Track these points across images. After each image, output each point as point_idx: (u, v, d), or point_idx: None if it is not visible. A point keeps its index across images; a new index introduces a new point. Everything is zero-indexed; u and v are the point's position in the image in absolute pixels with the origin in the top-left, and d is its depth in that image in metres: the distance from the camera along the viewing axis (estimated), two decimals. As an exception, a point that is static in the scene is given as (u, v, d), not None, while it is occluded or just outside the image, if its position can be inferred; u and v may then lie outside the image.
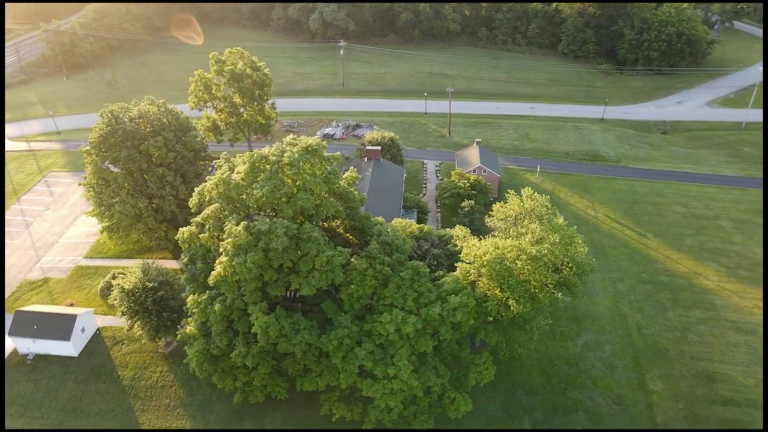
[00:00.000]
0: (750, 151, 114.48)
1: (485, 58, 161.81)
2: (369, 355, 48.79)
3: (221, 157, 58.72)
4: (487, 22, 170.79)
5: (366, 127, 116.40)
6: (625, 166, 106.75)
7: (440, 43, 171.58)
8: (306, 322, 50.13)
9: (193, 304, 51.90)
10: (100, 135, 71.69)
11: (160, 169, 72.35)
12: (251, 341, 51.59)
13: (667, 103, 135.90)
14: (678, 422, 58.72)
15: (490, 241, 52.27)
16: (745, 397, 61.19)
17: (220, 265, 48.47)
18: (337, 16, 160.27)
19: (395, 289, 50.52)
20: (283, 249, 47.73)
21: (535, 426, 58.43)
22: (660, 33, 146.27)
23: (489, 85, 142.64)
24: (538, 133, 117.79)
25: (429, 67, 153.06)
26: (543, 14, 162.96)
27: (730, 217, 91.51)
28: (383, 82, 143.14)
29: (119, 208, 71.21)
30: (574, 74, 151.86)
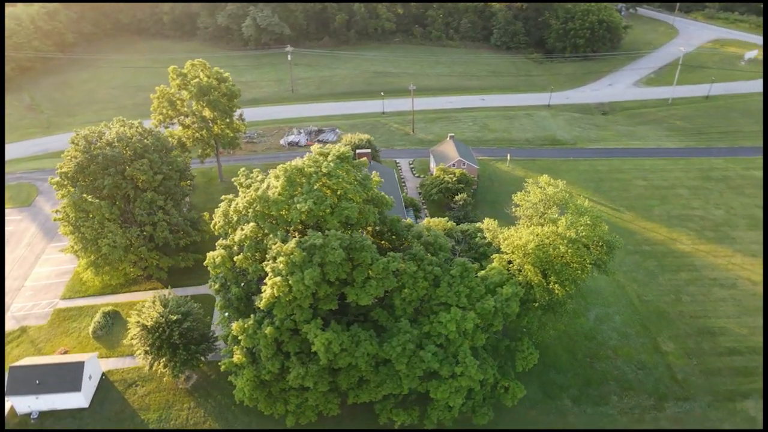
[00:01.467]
0: (682, 124, 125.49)
1: (423, 54, 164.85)
2: (434, 357, 48.53)
3: (239, 174, 55.77)
4: (419, 20, 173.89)
5: (329, 132, 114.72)
6: (581, 147, 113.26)
7: (376, 43, 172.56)
8: (364, 333, 48.92)
9: (240, 330, 48.90)
10: (76, 163, 65.30)
11: (149, 193, 67.25)
12: (306, 360, 49.57)
13: (600, 86, 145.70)
14: (696, 377, 63.55)
15: (529, 229, 53.73)
16: (745, 346, 67.35)
17: (273, 286, 46.01)
18: (271, 22, 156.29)
19: (447, 288, 50.56)
20: (340, 261, 46.27)
21: (575, 402, 60.86)
22: (584, 22, 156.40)
23: (435, 80, 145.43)
24: (496, 123, 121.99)
25: (372, 67, 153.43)
26: (473, 9, 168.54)
27: (684, 185, 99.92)
28: (331, 84, 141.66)
29: (108, 240, 65.34)
30: (510, 65, 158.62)
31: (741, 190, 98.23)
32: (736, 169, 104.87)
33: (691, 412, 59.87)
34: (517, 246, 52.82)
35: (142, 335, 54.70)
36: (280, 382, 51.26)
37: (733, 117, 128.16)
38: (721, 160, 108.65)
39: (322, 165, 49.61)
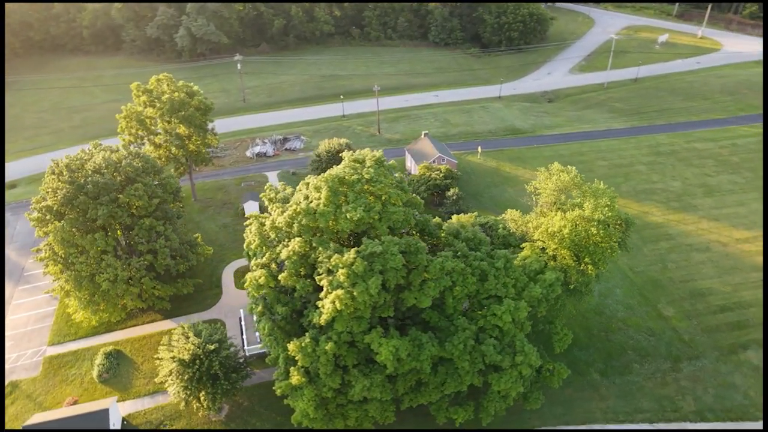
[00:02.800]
0: (620, 106, 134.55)
1: (365, 55, 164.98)
2: (495, 350, 49.13)
3: (267, 190, 53.38)
4: (356, 21, 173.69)
5: (295, 140, 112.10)
6: (540, 134, 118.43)
7: (315, 46, 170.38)
8: (425, 336, 48.56)
9: (296, 349, 46.83)
10: (62, 195, 59.37)
11: (147, 220, 62.49)
12: (367, 371, 48.44)
13: (540, 76, 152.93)
14: (700, 336, 68.78)
15: (557, 216, 55.64)
16: (732, 302, 73.68)
17: (335, 300, 44.47)
18: (207, 31, 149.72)
19: (495, 281, 51.27)
20: (400, 267, 45.60)
21: (602, 375, 63.88)
22: (516, 15, 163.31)
23: (385, 80, 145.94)
24: (456, 117, 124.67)
25: (318, 71, 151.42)
26: (409, 8, 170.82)
27: (640, 162, 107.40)
28: (283, 91, 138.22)
29: (107, 275, 60.07)
30: (452, 60, 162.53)
31: (689, 162, 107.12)
32: (680, 143, 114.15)
33: (704, 368, 64.77)
34: (552, 233, 54.61)
35: (179, 371, 50.84)
36: (337, 398, 49.76)
37: (662, 96, 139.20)
38: (664, 136, 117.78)
39: (363, 172, 48.57)
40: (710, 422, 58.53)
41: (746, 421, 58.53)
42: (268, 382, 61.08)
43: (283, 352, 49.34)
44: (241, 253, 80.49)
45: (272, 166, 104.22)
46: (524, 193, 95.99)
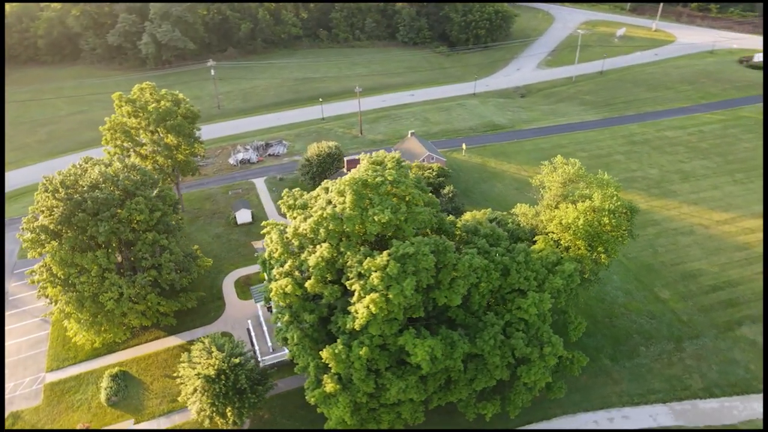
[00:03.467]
0: (590, 99, 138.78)
1: (336, 57, 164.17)
2: (523, 343, 49.81)
3: (285, 197, 52.37)
4: (323, 23, 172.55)
5: (277, 145, 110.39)
6: (519, 129, 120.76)
7: (283, 50, 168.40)
8: (455, 333, 48.72)
9: (330, 356, 46.11)
10: (60, 214, 56.47)
11: (150, 234, 60.21)
12: (400, 373, 48.21)
13: (510, 72, 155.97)
14: (697, 315, 71.64)
15: (571, 207, 56.86)
16: (721, 281, 77.07)
17: (370, 304, 44.02)
18: (173, 37, 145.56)
19: (517, 275, 51.92)
20: (432, 267, 45.60)
21: (612, 360, 65.68)
22: (482, 13, 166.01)
23: (358, 81, 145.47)
24: (435, 115, 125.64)
25: (290, 74, 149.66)
26: (376, 8, 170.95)
27: (617, 151, 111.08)
28: (258, 96, 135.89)
29: (112, 294, 57.61)
30: (422, 59, 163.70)
31: (662, 150, 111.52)
32: (651, 132, 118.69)
33: (705, 346, 67.50)
34: (566, 225, 55.79)
35: (204, 387, 49.20)
36: (369, 402, 49.32)
37: (627, 87, 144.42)
38: (636, 125, 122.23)
39: (385, 174, 48.29)
40: (718, 398, 61.08)
41: (751, 394, 61.35)
42: (286, 392, 60.16)
43: (313, 360, 48.51)
44: (239, 263, 79.11)
45: (257, 173, 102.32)
46: (513, 187, 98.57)
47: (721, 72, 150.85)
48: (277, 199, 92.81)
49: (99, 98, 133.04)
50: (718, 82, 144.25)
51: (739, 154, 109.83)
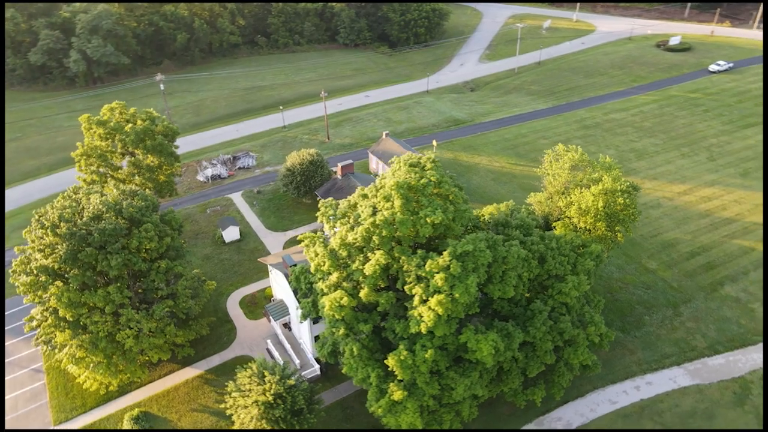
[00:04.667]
0: (535, 88, 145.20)
1: (278, 63, 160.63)
2: (571, 325, 51.65)
3: (322, 207, 50.77)
4: (261, 29, 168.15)
5: (245, 157, 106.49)
6: (479, 122, 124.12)
7: (222, 59, 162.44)
8: (508, 325, 49.62)
9: (396, 363, 45.49)
10: (65, 251, 51.40)
11: (162, 262, 56.30)
12: (461, 371, 48.46)
13: (455, 68, 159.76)
14: (685, 281, 77.31)
15: (586, 192, 59.51)
16: (696, 247, 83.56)
17: (437, 306, 43.85)
18: (105, 52, 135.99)
19: (552, 261, 53.71)
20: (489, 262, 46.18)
21: (623, 332, 69.43)
22: (420, 12, 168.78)
23: (310, 86, 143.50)
24: (396, 115, 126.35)
25: (237, 84, 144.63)
26: (314, 12, 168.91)
27: (574, 136, 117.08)
28: (209, 109, 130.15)
29: (131, 331, 53.40)
30: (368, 61, 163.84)
31: (614, 131, 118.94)
32: (599, 116, 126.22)
33: (698, 308, 73.03)
34: (585, 209, 58.38)
35: (263, 414, 46.78)
36: (431, 404, 49.19)
37: (565, 75, 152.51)
38: (584, 110, 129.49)
39: (428, 175, 48.22)
40: (722, 353, 66.39)
41: (748, 346, 67.21)
42: (326, 407, 58.44)
43: (373, 370, 47.63)
44: (237, 283, 75.96)
45: (231, 188, 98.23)
46: (489, 178, 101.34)
47: (643, 56, 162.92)
48: (259, 212, 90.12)
49: (31, 123, 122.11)
50: (644, 66, 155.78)
51: (679, 130, 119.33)
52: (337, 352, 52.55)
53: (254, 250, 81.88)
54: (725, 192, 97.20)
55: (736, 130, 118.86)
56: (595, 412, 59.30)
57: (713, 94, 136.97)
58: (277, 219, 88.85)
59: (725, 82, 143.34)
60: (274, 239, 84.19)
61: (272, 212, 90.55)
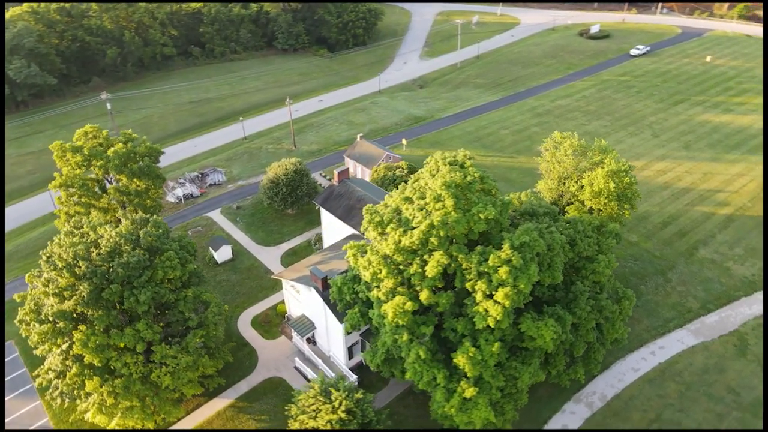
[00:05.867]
0: (481, 81, 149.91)
1: (219, 73, 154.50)
2: (611, 303, 54.40)
3: (367, 213, 49.73)
4: (195, 38, 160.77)
5: (213, 173, 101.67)
6: (438, 118, 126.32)
7: (157, 72, 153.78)
8: (557, 309, 51.30)
9: (465, 360, 45.70)
10: (89, 292, 46.79)
11: (189, 290, 52.80)
12: (520, 360, 49.63)
13: (399, 66, 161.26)
14: (666, 250, 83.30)
15: (593, 175, 62.57)
16: (666, 217, 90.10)
17: (503, 300, 44.51)
18: (29, 73, 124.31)
19: (581, 243, 56.11)
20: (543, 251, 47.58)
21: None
22: (357, 13, 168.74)
23: (261, 94, 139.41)
24: (357, 117, 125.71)
25: (181, 98, 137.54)
26: (249, 18, 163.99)
27: (531, 124, 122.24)
28: (159, 126, 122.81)
29: (167, 368, 49.77)
30: (311, 65, 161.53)
31: (565, 117, 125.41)
32: (547, 103, 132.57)
33: (683, 273, 79.00)
34: (597, 191, 61.49)
35: (337, 433, 45.36)
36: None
37: (505, 67, 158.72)
38: (532, 99, 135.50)
39: (471, 171, 48.74)
40: (715, 311, 72.36)
41: (734, 302, 73.71)
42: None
43: (439, 371, 47.58)
44: (242, 304, 73.12)
45: (207, 206, 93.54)
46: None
47: (570, 45, 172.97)
48: (245, 228, 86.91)
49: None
50: (573, 54, 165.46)
51: (621, 111, 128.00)
52: (391, 359, 52.02)
53: (251, 268, 78.66)
54: (676, 164, 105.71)
55: (668, 108, 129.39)
56: (623, 381, 62.70)
57: (640, 76, 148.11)
58: (266, 233, 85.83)
59: (647, 65, 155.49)
60: (269, 254, 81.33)
61: (258, 227, 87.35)
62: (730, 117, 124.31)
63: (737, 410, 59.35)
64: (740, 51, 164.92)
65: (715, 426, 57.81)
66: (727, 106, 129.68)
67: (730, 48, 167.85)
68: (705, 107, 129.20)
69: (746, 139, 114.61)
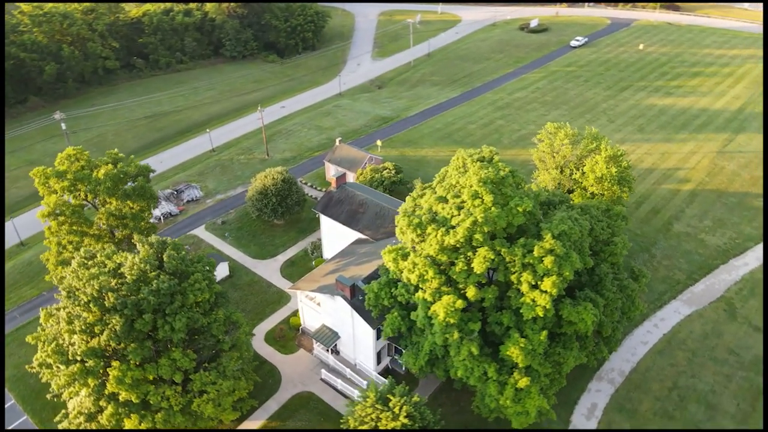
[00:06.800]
0: (438, 79, 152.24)
1: (168, 84, 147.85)
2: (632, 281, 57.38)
3: (407, 217, 49.41)
4: (137, 50, 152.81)
5: (188, 189, 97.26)
6: (405, 117, 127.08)
7: (99, 87, 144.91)
8: (588, 292, 53.31)
9: (518, 352, 46.67)
10: (123, 324, 43.70)
11: (219, 312, 50.54)
12: (563, 345, 51.24)
13: (353, 68, 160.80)
14: (645, 227, 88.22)
15: (593, 161, 65.35)
16: (638, 197, 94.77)
17: (550, 288, 45.80)
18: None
19: (597, 227, 58.52)
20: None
21: (620, 281, 77.69)
22: (305, 16, 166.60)
23: (219, 105, 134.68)
24: (324, 121, 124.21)
25: (132, 114, 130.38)
26: (193, 26, 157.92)
27: (495, 117, 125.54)
28: (116, 144, 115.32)
29: (210, 395, 47.46)
30: (263, 72, 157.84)
31: (525, 109, 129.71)
32: (506, 97, 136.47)
33: (664, 247, 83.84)
34: (600, 177, 64.31)
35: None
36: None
37: (457, 64, 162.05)
38: (490, 93, 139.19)
39: (500, 166, 49.65)
40: (701, 280, 77.54)
41: (714, 270, 79.31)
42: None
43: (489, 365, 48.27)
44: (251, 320, 70.36)
45: (188, 224, 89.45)
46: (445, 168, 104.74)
47: (514, 39, 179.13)
48: (236, 243, 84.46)
49: None
50: (519, 48, 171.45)
51: (575, 100, 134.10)
52: (433, 359, 52.15)
53: (251, 284, 76.17)
54: (635, 147, 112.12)
55: (616, 94, 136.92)
56: (636, 355, 66.03)
57: (584, 66, 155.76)
58: (258, 247, 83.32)
59: (588, 55, 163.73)
60: (266, 268, 79.06)
61: (249, 240, 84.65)
62: (672, 100, 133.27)
63: (741, 370, 64.06)
64: (666, 38, 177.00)
65: (725, 387, 62.14)
66: (666, 89, 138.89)
67: (657, 36, 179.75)
68: (648, 92, 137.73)
69: (690, 120, 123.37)
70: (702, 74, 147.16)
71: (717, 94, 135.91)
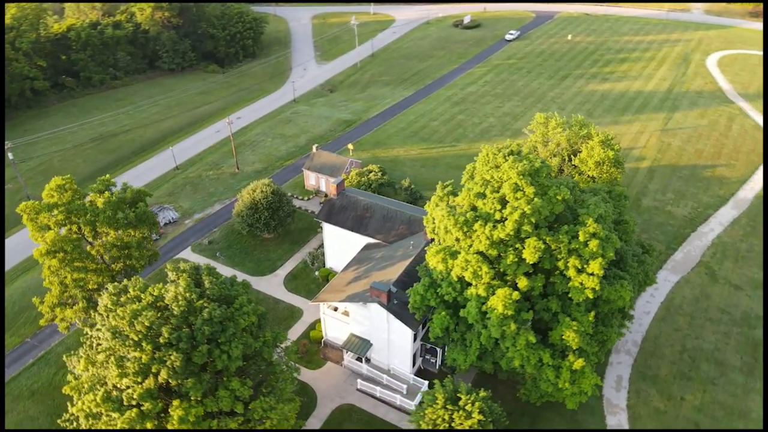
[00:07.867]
0: (388, 78, 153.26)
1: (105, 103, 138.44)
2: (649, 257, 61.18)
3: (452, 217, 49.56)
4: (66, 68, 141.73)
5: (159, 210, 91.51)
6: (367, 119, 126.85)
7: (29, 111, 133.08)
8: (615, 270, 56.19)
9: (573, 336, 48.52)
10: (181, 359, 40.87)
11: (267, 333, 48.38)
12: (605, 323, 53.79)
13: (301, 73, 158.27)
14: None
15: (589, 146, 68.79)
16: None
17: (598, 271, 47.91)
18: None
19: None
20: (608, 221, 51.99)
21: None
22: (244, 23, 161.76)
23: (171, 121, 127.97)
24: (286, 129, 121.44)
25: (76, 137, 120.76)
26: (125, 39, 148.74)
27: (454, 112, 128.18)
28: (67, 170, 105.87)
29: (269, 422, 45.54)
30: (207, 83, 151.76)
31: (480, 102, 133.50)
32: (459, 92, 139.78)
33: (640, 222, 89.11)
34: (599, 161, 67.79)
35: (478, 435, 45.20)
36: (583, 363, 53.57)
37: (403, 62, 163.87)
38: (443, 90, 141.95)
39: (532, 158, 51.19)
40: (678, 249, 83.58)
41: (687, 237, 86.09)
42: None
43: (544, 352, 49.79)
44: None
45: (172, 248, 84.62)
46: (419, 165, 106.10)
47: (451, 36, 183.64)
48: (230, 262, 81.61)
49: None
50: (458, 44, 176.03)
51: (523, 91, 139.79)
52: (483, 353, 52.98)
53: (258, 302, 73.08)
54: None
55: (559, 83, 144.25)
56: (642, 325, 70.41)
57: (522, 58, 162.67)
58: (254, 263, 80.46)
59: (524, 48, 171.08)
60: (269, 283, 76.60)
61: (243, 258, 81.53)
62: (610, 85, 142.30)
63: (735, 326, 70.10)
64: (589, 28, 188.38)
65: (726, 343, 67.75)
66: (602, 76, 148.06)
67: (580, 26, 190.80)
68: (586, 79, 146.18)
69: (630, 102, 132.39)
70: (628, 60, 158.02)
71: (646, 77, 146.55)
